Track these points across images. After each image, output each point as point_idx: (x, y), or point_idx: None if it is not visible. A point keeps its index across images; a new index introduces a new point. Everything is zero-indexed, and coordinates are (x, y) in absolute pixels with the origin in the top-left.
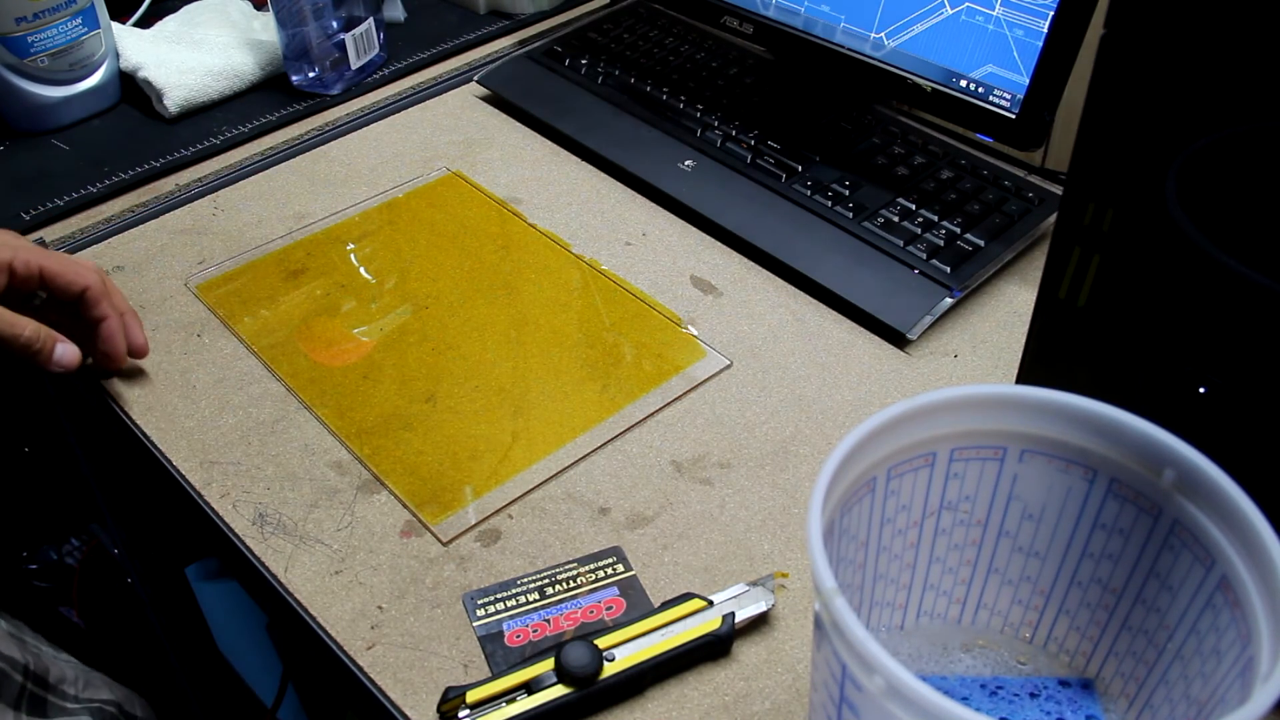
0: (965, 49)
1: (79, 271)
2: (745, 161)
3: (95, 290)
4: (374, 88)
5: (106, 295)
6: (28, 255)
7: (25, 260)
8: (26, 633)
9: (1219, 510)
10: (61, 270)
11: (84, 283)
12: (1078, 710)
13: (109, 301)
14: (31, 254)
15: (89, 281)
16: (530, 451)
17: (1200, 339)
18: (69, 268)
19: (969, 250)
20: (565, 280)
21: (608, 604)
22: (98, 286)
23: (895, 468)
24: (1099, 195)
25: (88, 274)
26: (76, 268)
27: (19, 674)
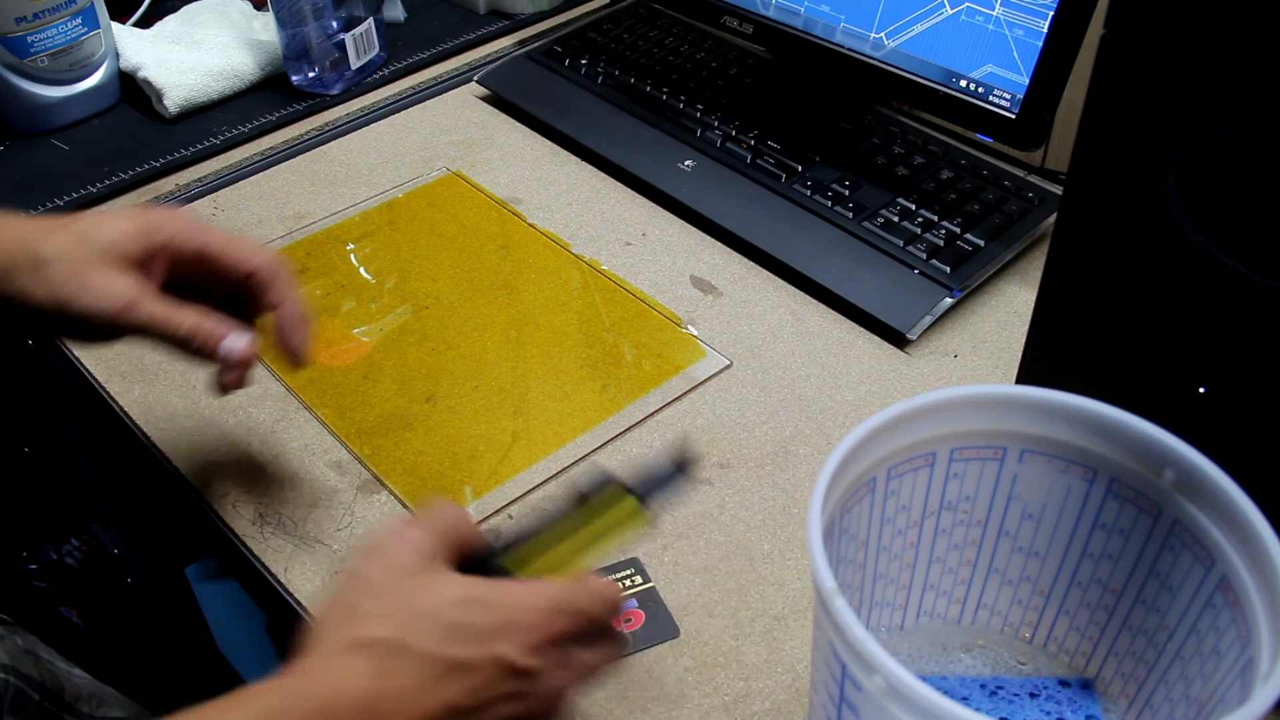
0: (965, 49)
1: (247, 251)
2: (745, 161)
3: (265, 273)
4: (374, 88)
5: (279, 280)
6: (190, 234)
7: (187, 240)
8: (40, 647)
9: (1219, 510)
10: (226, 250)
11: (252, 264)
12: (1078, 710)
13: (282, 287)
14: (195, 232)
15: (257, 263)
16: (530, 451)
17: (1200, 339)
18: (236, 247)
19: (969, 250)
20: (565, 280)
21: (626, 616)
22: (268, 269)
23: (895, 468)
24: (1099, 195)
25: (257, 254)
26: (245, 246)
27: (35, 692)
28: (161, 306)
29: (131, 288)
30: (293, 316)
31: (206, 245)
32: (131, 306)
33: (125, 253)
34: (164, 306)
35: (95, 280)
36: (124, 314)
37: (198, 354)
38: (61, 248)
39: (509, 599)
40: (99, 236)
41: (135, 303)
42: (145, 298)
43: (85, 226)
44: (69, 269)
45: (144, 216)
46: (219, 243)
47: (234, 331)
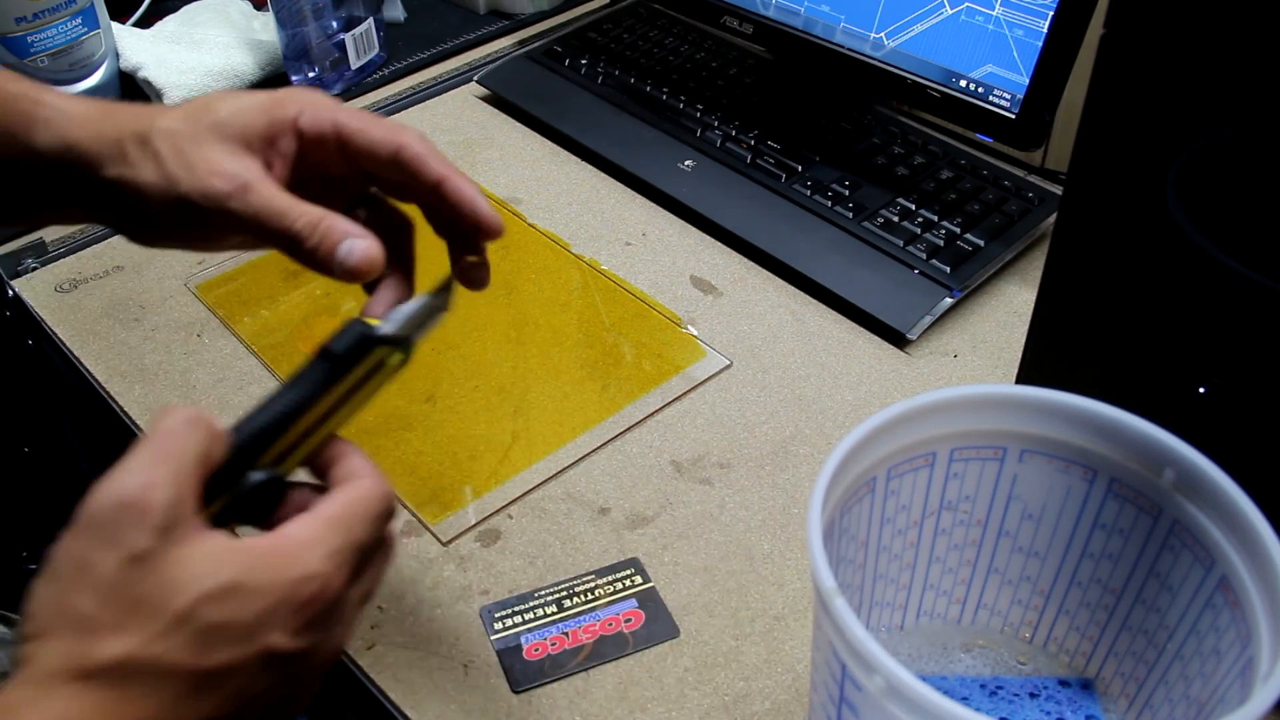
0: (965, 49)
1: (390, 128)
2: (745, 161)
3: (414, 148)
4: (374, 88)
5: (434, 155)
6: (322, 109)
7: (316, 115)
8: None
9: (1219, 510)
10: (365, 127)
11: (399, 139)
12: (1078, 710)
13: (440, 161)
14: (327, 109)
15: (404, 139)
16: (530, 451)
17: (1200, 339)
18: (376, 123)
19: (969, 250)
20: (565, 280)
21: (626, 616)
22: (416, 144)
23: (895, 468)
24: (1099, 195)
25: (401, 130)
26: (387, 124)
27: None
28: (280, 194)
29: (249, 168)
30: (464, 186)
31: (341, 123)
32: (247, 188)
33: (246, 128)
34: (283, 194)
35: (208, 156)
36: (236, 195)
37: (312, 255)
38: (174, 123)
39: (276, 575)
40: (218, 110)
41: (251, 185)
42: (260, 182)
43: (204, 101)
44: (179, 143)
45: (271, 94)
46: (355, 120)
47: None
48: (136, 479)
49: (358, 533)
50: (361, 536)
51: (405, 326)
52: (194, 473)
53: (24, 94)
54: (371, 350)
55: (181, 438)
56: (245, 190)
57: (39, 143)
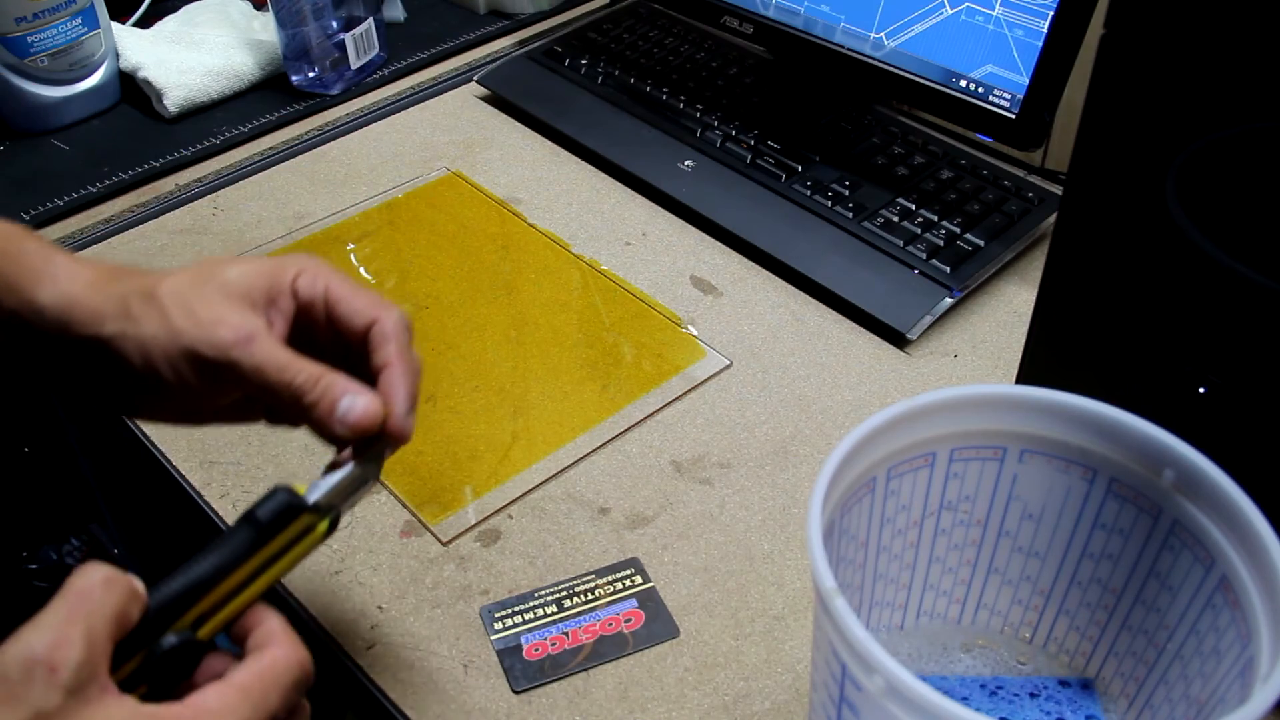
0: (965, 49)
1: (371, 302)
2: (745, 161)
3: (384, 327)
4: (374, 88)
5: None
6: (315, 276)
7: (311, 281)
8: None
9: (1219, 510)
10: (348, 297)
11: (373, 314)
12: (1078, 710)
13: (398, 348)
14: (320, 275)
15: (379, 315)
16: (530, 451)
17: (1200, 339)
18: (359, 296)
19: (969, 250)
20: (565, 280)
21: (626, 616)
22: (389, 324)
23: (895, 468)
24: (1099, 195)
25: (381, 307)
26: (370, 297)
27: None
28: (283, 349)
29: (254, 322)
30: (394, 382)
31: (330, 289)
32: (252, 338)
33: (250, 288)
34: (286, 349)
35: (215, 309)
36: (242, 346)
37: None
38: (179, 283)
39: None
40: (224, 271)
41: (256, 336)
42: (266, 336)
43: (206, 266)
44: (186, 298)
45: (271, 261)
46: (343, 290)
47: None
48: (46, 637)
49: (271, 702)
50: (274, 706)
51: (332, 495)
52: (107, 632)
53: (36, 250)
54: (297, 518)
55: (97, 596)
56: (250, 340)
57: (42, 298)
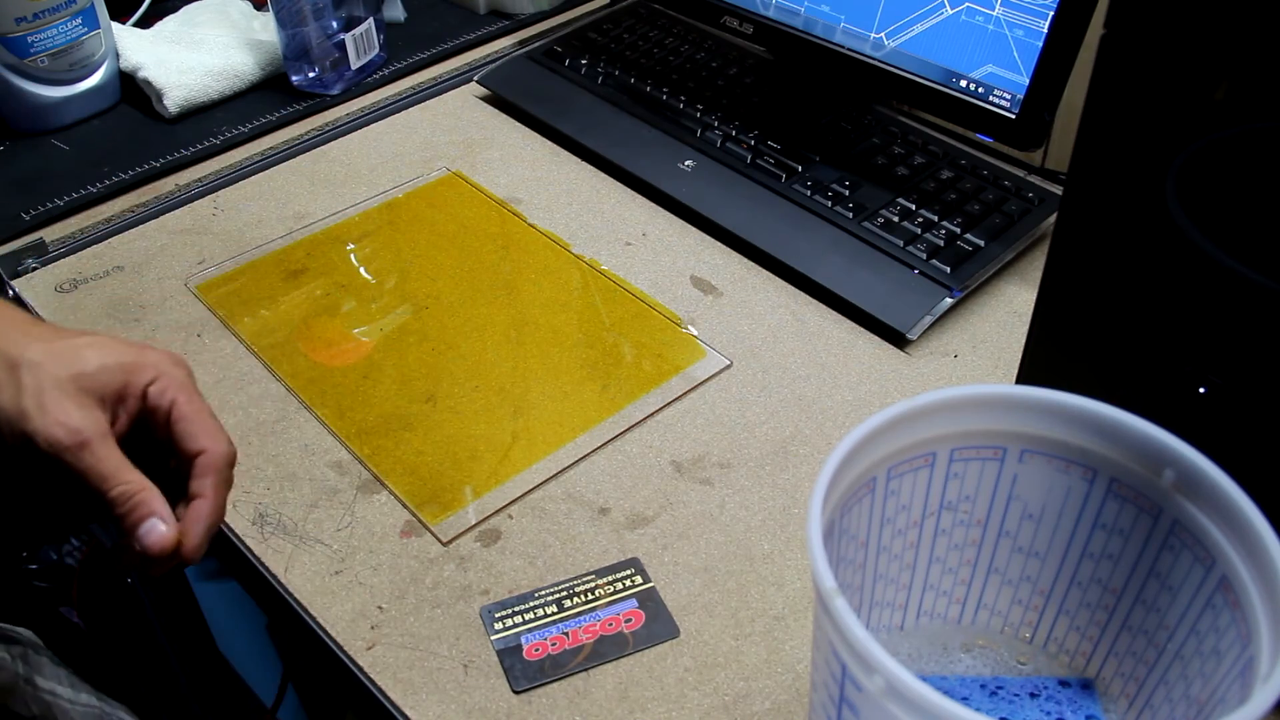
0: (965, 49)
1: (206, 431)
2: (745, 161)
3: (207, 460)
4: (374, 88)
5: (219, 476)
6: (167, 388)
7: (161, 391)
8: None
9: (1219, 510)
10: (187, 419)
11: (200, 445)
12: (1078, 710)
13: (216, 483)
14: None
15: (207, 446)
16: (530, 451)
17: (1200, 339)
18: (197, 422)
19: (969, 250)
20: (565, 280)
21: (626, 616)
22: (213, 459)
23: (895, 468)
24: (1099, 195)
25: (212, 439)
26: (208, 426)
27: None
28: (110, 456)
29: (88, 424)
30: (201, 512)
31: (175, 405)
32: (81, 445)
33: (104, 386)
34: (112, 457)
35: (62, 405)
36: (72, 451)
37: (118, 520)
38: (41, 358)
39: None
40: (82, 359)
41: (86, 441)
42: (99, 440)
43: (72, 346)
44: (41, 382)
45: (133, 353)
46: (186, 409)
47: (160, 513)
48: None
49: None
50: None
51: None
52: None
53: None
54: None
55: None
56: (81, 447)
57: None
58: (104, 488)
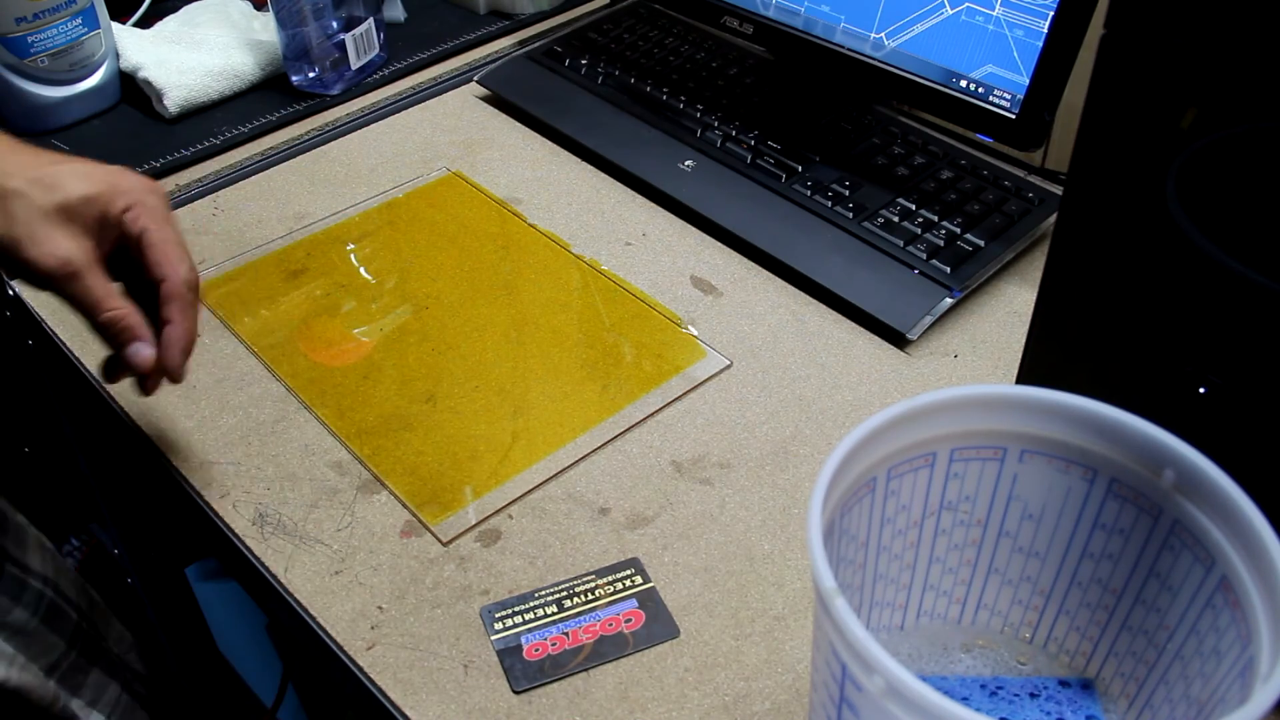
0: (965, 49)
1: (169, 259)
2: (745, 161)
3: (170, 287)
4: (374, 88)
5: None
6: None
7: (133, 219)
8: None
9: (1219, 510)
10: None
11: (164, 272)
12: (1078, 710)
13: (181, 307)
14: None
15: (169, 273)
16: (530, 451)
17: (1200, 339)
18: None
19: (969, 250)
20: (565, 280)
21: (626, 616)
22: (174, 285)
23: (895, 468)
24: (1099, 195)
25: (175, 265)
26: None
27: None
28: (97, 285)
29: (77, 254)
30: (172, 337)
31: (144, 233)
32: (72, 275)
33: (84, 214)
34: (99, 286)
35: (52, 235)
36: (62, 280)
37: (109, 341)
38: (26, 187)
39: None
40: (64, 188)
41: (77, 272)
42: (87, 270)
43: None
44: (30, 212)
45: (110, 180)
46: (154, 238)
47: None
48: None
49: None
50: None
51: None
52: None
53: None
54: None
55: None
56: (71, 277)
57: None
58: (93, 314)
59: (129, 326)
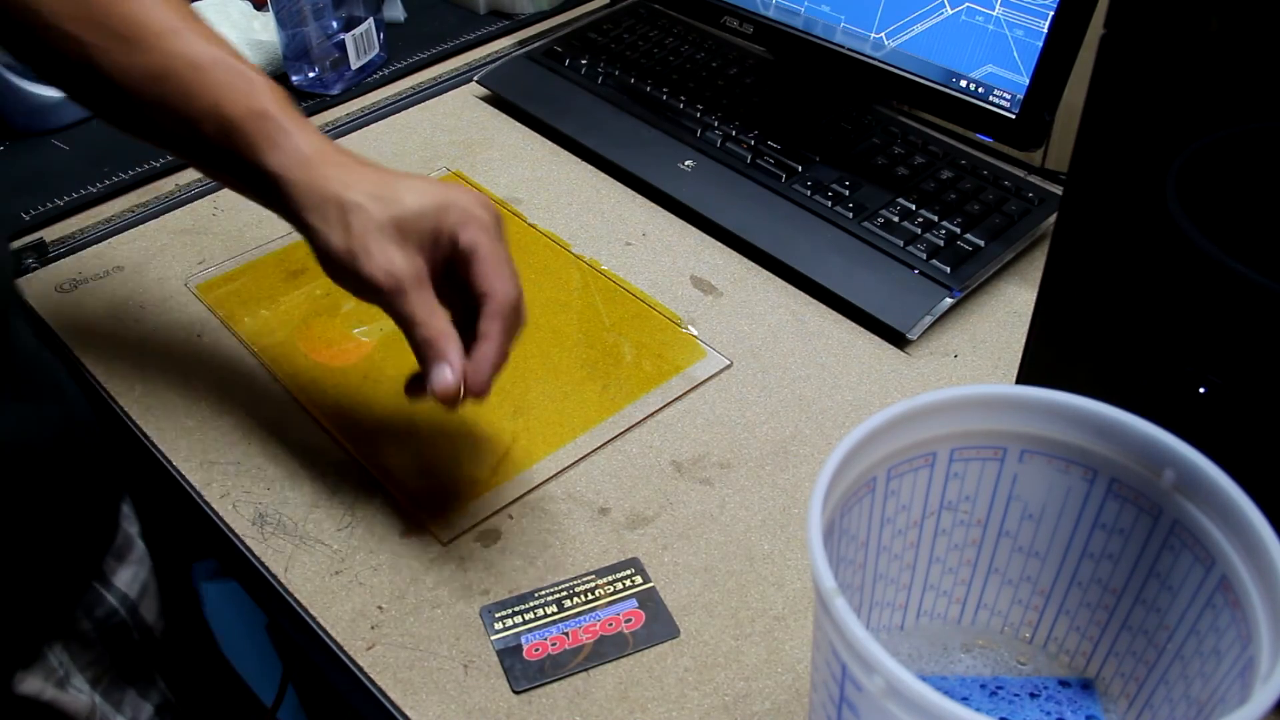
0: (965, 49)
1: (496, 276)
2: (745, 161)
3: (493, 303)
4: (374, 88)
5: (504, 319)
6: (471, 231)
7: (466, 235)
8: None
9: (1219, 510)
10: (483, 261)
11: (488, 287)
12: (1078, 710)
13: (502, 326)
14: (475, 230)
15: (493, 289)
16: (530, 451)
17: (1200, 339)
18: (491, 264)
19: (969, 250)
20: (565, 280)
21: (626, 616)
22: (498, 301)
23: (895, 468)
24: (1099, 195)
25: (501, 281)
26: (500, 271)
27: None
28: (420, 302)
29: (406, 269)
30: (485, 354)
31: (475, 248)
32: (400, 292)
33: (418, 228)
34: (422, 304)
35: (385, 249)
36: (389, 294)
37: (421, 361)
38: (365, 200)
39: None
40: (401, 202)
41: (405, 290)
42: (415, 287)
43: (391, 189)
44: (368, 226)
45: (444, 195)
46: (485, 252)
47: (453, 361)
48: None
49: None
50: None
51: None
52: None
53: (276, 114)
54: None
55: None
56: (397, 294)
57: (269, 163)
58: (411, 329)
59: (443, 348)
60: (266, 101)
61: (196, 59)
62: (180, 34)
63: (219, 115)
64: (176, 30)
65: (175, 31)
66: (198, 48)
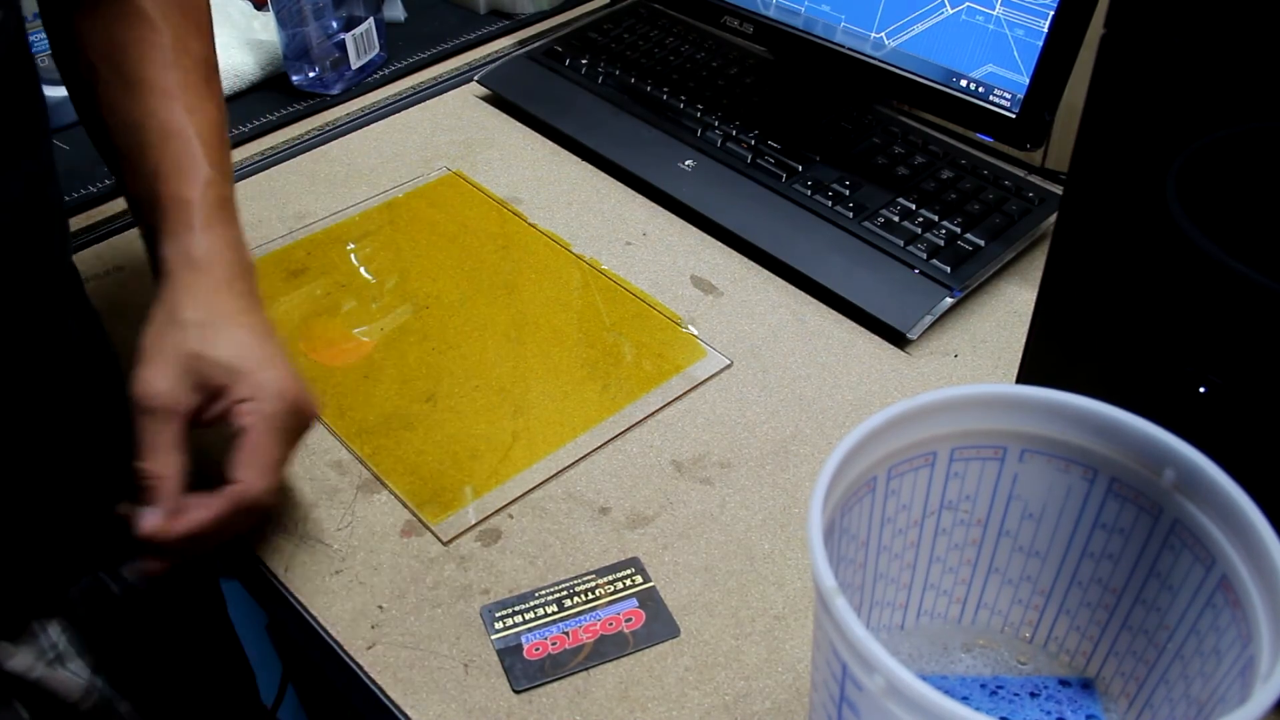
0: (965, 49)
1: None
2: (745, 161)
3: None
4: (374, 88)
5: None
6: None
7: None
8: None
9: (1219, 510)
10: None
11: (237, 476)
12: (1078, 710)
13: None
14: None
15: (238, 478)
16: (530, 451)
17: (1200, 339)
18: (252, 457)
19: (969, 250)
20: (565, 280)
21: (627, 615)
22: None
23: (895, 467)
24: (1099, 195)
25: (252, 479)
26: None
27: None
28: (162, 434)
29: (165, 399)
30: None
31: (244, 431)
32: (149, 411)
33: (206, 375)
34: (163, 436)
35: (160, 367)
36: (146, 410)
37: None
38: (190, 324)
39: None
40: (213, 344)
41: (150, 410)
42: (163, 418)
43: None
44: (169, 343)
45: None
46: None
47: (160, 509)
48: None
49: None
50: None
51: None
52: None
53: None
54: None
55: None
56: (146, 412)
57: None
58: (141, 455)
59: (157, 489)
60: (195, 191)
61: (168, 126)
62: (171, 99)
63: (153, 183)
64: (170, 94)
65: (168, 95)
66: (176, 117)
